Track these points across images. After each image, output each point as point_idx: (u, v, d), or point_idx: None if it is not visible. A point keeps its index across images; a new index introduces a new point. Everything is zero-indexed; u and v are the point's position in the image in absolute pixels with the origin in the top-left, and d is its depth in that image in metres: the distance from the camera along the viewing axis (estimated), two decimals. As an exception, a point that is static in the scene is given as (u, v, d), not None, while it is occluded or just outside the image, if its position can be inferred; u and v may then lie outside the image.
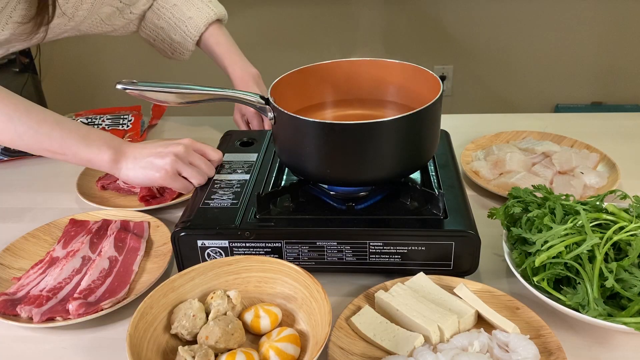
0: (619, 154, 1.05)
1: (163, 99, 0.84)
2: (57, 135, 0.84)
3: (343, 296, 0.78)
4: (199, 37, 1.18)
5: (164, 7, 1.17)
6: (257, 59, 1.12)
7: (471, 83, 2.64)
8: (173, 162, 0.87)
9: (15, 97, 0.84)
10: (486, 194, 0.99)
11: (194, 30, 1.17)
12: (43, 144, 0.85)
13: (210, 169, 0.90)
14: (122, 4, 1.11)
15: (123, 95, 0.87)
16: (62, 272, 0.82)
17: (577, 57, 2.53)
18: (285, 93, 0.85)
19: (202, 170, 0.89)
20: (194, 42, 1.19)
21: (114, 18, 1.12)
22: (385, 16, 2.50)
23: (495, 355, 0.63)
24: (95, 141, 0.86)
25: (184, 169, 0.87)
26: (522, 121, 1.26)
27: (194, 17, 1.17)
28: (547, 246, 0.70)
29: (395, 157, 0.78)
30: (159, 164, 0.86)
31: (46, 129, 0.84)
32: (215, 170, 0.91)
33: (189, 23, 1.17)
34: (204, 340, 0.65)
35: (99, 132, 0.89)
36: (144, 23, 1.20)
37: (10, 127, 0.83)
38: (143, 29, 1.20)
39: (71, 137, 0.85)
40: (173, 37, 1.19)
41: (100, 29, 1.13)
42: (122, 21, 1.15)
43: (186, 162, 0.88)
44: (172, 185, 0.88)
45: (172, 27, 1.18)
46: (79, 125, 0.87)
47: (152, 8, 1.18)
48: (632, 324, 0.64)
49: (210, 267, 0.73)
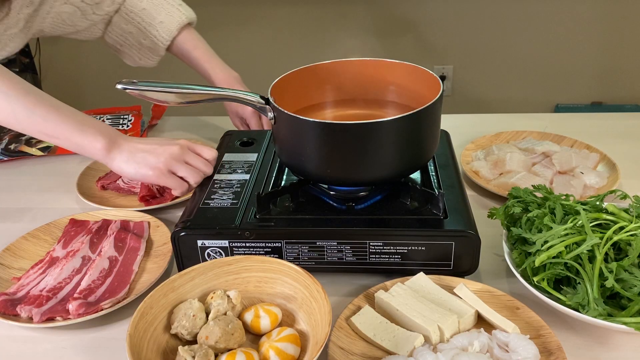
0: (619, 154, 1.05)
1: (163, 99, 0.84)
2: (53, 118, 0.85)
3: (343, 296, 0.78)
4: (170, 42, 1.15)
5: (132, 12, 1.13)
6: (258, 59, 1.12)
7: (471, 83, 2.64)
8: (167, 161, 0.87)
9: (16, 78, 0.85)
10: (486, 194, 0.99)
11: (166, 34, 1.14)
12: (38, 126, 0.85)
13: (207, 167, 0.90)
14: (83, 3, 1.07)
15: (123, 95, 0.87)
16: (62, 272, 0.82)
17: (577, 57, 2.53)
18: (285, 93, 0.85)
19: (199, 169, 0.89)
20: (165, 47, 1.16)
21: (75, 18, 1.08)
22: (385, 16, 2.50)
23: (495, 355, 0.63)
24: (91, 128, 0.86)
25: (179, 168, 0.87)
26: (522, 121, 1.26)
27: (165, 22, 1.13)
28: (547, 246, 0.70)
29: (395, 157, 0.78)
30: (152, 161, 0.87)
31: (42, 111, 0.84)
32: (214, 170, 0.91)
33: (160, 27, 1.13)
34: (204, 340, 0.65)
35: (96, 121, 0.89)
36: (110, 28, 1.16)
37: (6, 106, 0.83)
38: (110, 33, 1.16)
39: (66, 122, 0.85)
40: (142, 42, 1.15)
41: (62, 30, 1.10)
42: (85, 22, 1.11)
43: (181, 161, 0.88)
44: (165, 183, 0.88)
45: (141, 31, 1.14)
46: (77, 113, 0.88)
47: (120, 12, 1.14)
48: (632, 324, 0.64)
49: (210, 267, 0.73)
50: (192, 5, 1.19)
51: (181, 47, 1.16)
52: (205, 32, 1.15)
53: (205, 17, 2.39)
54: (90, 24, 1.12)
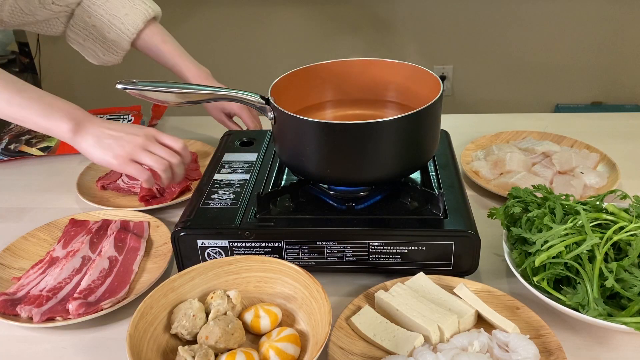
0: (619, 154, 1.05)
1: (163, 99, 0.84)
2: (17, 102, 0.85)
3: (343, 296, 0.78)
4: (136, 35, 1.12)
5: (95, 4, 1.10)
6: (258, 59, 1.12)
7: (471, 83, 2.64)
8: (131, 150, 0.88)
9: None
10: (486, 194, 0.99)
11: (132, 27, 1.10)
12: (3, 110, 0.86)
13: (173, 157, 0.91)
14: None
15: (123, 95, 0.87)
16: (62, 272, 0.82)
17: (577, 57, 2.53)
18: (285, 93, 0.85)
19: (164, 158, 0.90)
20: (130, 41, 1.12)
21: (33, 7, 1.05)
22: (385, 16, 2.50)
23: (495, 355, 0.63)
24: (57, 112, 0.87)
25: (143, 157, 0.89)
26: (522, 121, 1.26)
27: (130, 14, 1.10)
28: (547, 246, 0.70)
29: (395, 157, 0.78)
30: (117, 150, 0.88)
31: (7, 95, 0.85)
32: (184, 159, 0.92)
33: (125, 20, 1.10)
34: (204, 340, 0.65)
35: (64, 103, 0.89)
36: (73, 21, 1.12)
37: None
38: (72, 27, 1.12)
39: (32, 106, 0.86)
40: (107, 35, 1.11)
41: (21, 19, 1.06)
42: (44, 12, 1.07)
43: (145, 151, 0.89)
44: (128, 172, 0.89)
45: (105, 24, 1.10)
46: (45, 95, 0.88)
47: (82, 5, 1.10)
48: (632, 324, 0.64)
49: (210, 267, 0.73)
50: (192, 6, 1.18)
51: (149, 40, 1.13)
52: (205, 32, 1.15)
53: (205, 17, 2.40)
54: (50, 14, 1.09)
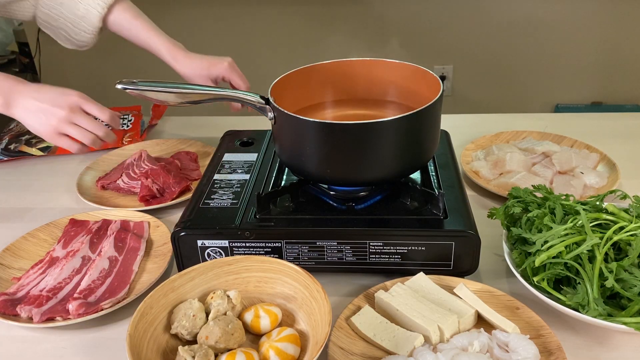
0: (619, 154, 1.05)
1: (163, 98, 0.84)
2: None
3: (343, 296, 0.78)
4: (107, 10, 1.07)
5: None
6: (258, 59, 1.12)
7: (471, 83, 2.64)
8: (57, 123, 0.92)
9: None
10: (486, 194, 0.99)
11: (102, 1, 1.06)
12: None
13: (98, 129, 0.94)
14: None
15: (123, 95, 0.87)
16: (62, 272, 0.82)
17: (577, 57, 2.53)
18: (285, 93, 0.85)
19: (90, 131, 0.93)
20: (100, 15, 1.07)
21: None
22: (385, 16, 2.50)
23: (495, 355, 0.63)
24: None
25: (69, 129, 0.92)
26: (522, 121, 1.26)
27: None
28: (547, 246, 0.70)
29: (395, 157, 0.78)
30: (44, 122, 0.92)
31: None
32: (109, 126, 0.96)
33: None
34: (204, 340, 0.65)
35: None
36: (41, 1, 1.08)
37: None
38: (42, 8, 1.08)
39: None
40: (76, 12, 1.07)
41: None
42: None
43: (71, 123, 0.92)
44: (57, 143, 0.93)
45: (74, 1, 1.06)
46: None
47: None
48: (632, 324, 0.64)
49: (210, 267, 0.73)
50: (192, 6, 1.18)
51: (120, 16, 1.09)
52: (205, 31, 1.15)
53: (205, 17, 2.40)
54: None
